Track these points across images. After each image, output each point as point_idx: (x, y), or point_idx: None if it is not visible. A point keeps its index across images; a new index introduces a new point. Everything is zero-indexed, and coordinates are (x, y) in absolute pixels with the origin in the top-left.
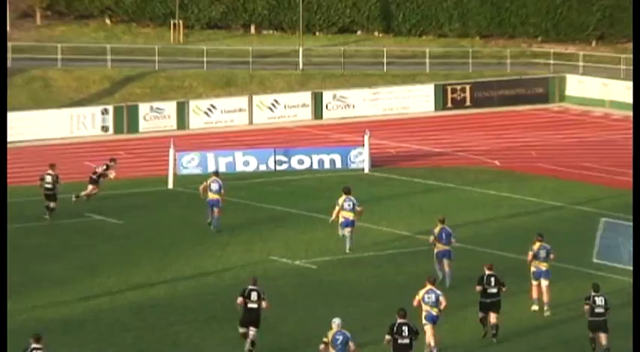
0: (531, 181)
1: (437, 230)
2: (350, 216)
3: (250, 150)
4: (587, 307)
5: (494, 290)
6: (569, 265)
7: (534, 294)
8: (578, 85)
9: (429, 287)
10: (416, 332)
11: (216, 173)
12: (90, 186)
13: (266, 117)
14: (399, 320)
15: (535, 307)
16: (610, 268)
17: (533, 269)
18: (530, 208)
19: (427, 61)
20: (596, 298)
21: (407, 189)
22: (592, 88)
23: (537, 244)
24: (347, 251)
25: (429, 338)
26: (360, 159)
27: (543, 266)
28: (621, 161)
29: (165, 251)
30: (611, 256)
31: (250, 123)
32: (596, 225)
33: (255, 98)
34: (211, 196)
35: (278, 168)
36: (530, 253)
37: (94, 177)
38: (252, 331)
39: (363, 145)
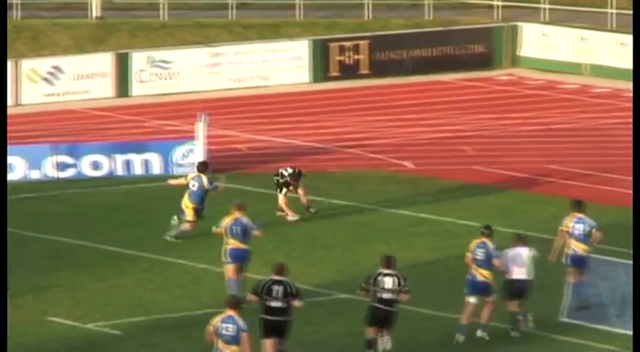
0: (466, 194)
1: (228, 220)
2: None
3: (15, 146)
4: (363, 292)
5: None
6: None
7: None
8: (541, 41)
9: (228, 313)
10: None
11: None
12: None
13: (40, 93)
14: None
15: None
16: (586, 331)
17: (569, 251)
18: (465, 237)
19: (299, 1)
20: (383, 279)
21: (266, 208)
22: (562, 45)
23: (571, 216)
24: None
25: None
26: (192, 160)
27: (581, 249)
28: (613, 161)
29: None
30: (589, 312)
31: (15, 103)
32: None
33: (24, 64)
34: None
35: (60, 175)
36: (562, 229)
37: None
38: None
39: (196, 138)
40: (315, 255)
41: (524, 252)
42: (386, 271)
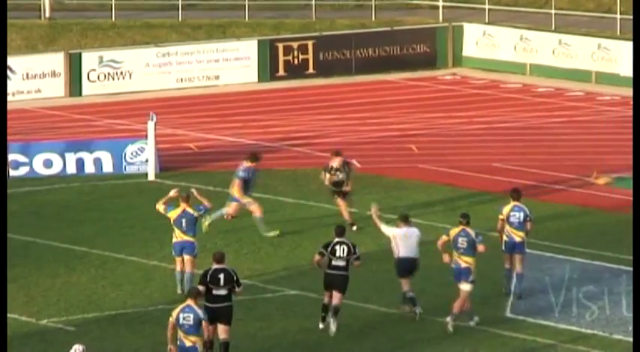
0: (411, 191)
1: (174, 214)
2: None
3: None
4: (318, 257)
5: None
6: (470, 322)
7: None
8: (483, 41)
9: (188, 303)
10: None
11: None
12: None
13: None
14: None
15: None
16: (532, 326)
17: (505, 238)
18: None
19: (246, 2)
20: (336, 247)
21: (215, 206)
22: (504, 45)
23: (510, 205)
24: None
25: None
26: (142, 158)
27: (517, 237)
28: (558, 159)
29: None
30: (534, 307)
31: None
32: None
33: None
34: None
35: (12, 173)
36: (501, 217)
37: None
38: None
39: (146, 137)
40: (263, 251)
41: (413, 232)
42: (340, 240)
